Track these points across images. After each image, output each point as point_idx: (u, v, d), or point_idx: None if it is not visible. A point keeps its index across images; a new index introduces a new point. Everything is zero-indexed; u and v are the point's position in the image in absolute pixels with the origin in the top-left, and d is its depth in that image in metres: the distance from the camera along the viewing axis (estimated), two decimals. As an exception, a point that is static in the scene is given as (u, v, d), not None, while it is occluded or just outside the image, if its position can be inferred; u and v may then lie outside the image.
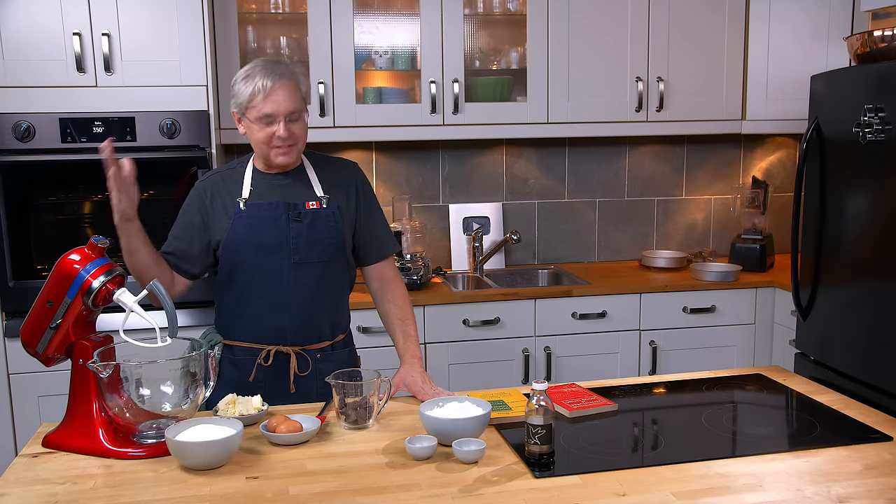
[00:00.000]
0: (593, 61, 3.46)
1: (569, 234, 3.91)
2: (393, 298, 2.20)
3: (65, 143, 2.85)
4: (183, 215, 2.11)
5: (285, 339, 2.08)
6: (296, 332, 2.09)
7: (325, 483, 1.55)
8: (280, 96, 1.95)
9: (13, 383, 2.94)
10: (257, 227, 2.04)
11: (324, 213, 2.08)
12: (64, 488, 1.55)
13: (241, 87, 1.97)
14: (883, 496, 1.48)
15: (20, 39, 2.82)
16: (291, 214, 2.05)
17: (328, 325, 2.14)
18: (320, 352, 2.12)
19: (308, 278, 2.06)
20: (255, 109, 1.96)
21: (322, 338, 2.13)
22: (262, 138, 1.99)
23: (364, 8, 3.38)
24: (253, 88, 1.95)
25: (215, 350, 2.12)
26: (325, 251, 2.08)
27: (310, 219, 2.06)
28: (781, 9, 3.51)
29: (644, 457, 1.72)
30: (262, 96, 1.94)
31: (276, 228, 2.04)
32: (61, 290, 1.72)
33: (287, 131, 1.98)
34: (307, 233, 2.05)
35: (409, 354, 2.11)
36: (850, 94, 2.68)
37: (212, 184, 2.10)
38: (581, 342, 3.31)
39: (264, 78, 1.94)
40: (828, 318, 2.83)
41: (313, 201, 2.08)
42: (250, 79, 1.96)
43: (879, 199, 2.57)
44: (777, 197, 3.94)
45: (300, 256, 2.05)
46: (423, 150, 3.70)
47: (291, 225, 2.05)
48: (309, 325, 2.10)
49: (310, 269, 2.06)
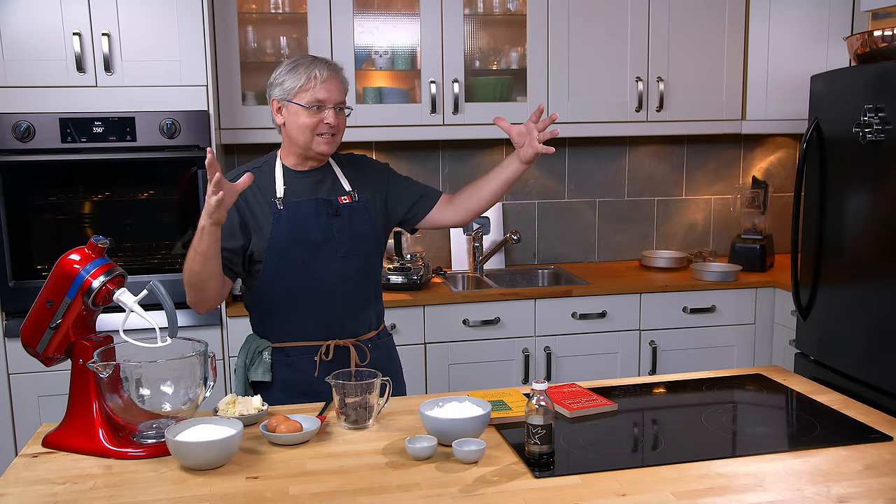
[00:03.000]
0: (593, 61, 3.46)
1: (569, 234, 3.91)
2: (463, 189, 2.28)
3: (65, 143, 2.86)
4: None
5: (342, 332, 2.12)
6: (350, 325, 2.13)
7: (325, 483, 1.55)
8: (334, 86, 2.04)
9: (13, 383, 2.94)
10: (301, 224, 2.06)
11: (357, 206, 2.13)
12: (64, 488, 1.55)
13: (291, 74, 2.03)
14: (883, 496, 1.48)
15: (20, 39, 2.82)
16: (330, 210, 2.09)
17: (375, 315, 2.21)
18: (370, 342, 2.17)
19: (355, 271, 2.11)
20: (308, 94, 2.02)
21: (371, 327, 2.19)
22: (308, 124, 2.03)
23: (364, 8, 3.38)
24: (308, 74, 2.02)
25: (264, 355, 2.10)
26: (365, 242, 2.13)
27: (348, 212, 2.11)
28: (781, 9, 3.51)
29: (644, 457, 1.72)
30: (318, 82, 2.01)
31: (319, 224, 2.07)
32: (61, 290, 1.72)
33: (335, 119, 2.04)
34: (348, 226, 2.10)
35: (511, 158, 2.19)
36: (850, 94, 2.68)
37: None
38: (581, 342, 3.31)
39: (319, 68, 2.03)
40: (828, 318, 2.83)
41: (345, 196, 2.13)
42: (301, 66, 2.03)
43: (879, 199, 2.57)
44: (777, 197, 3.94)
45: (345, 250, 2.08)
46: (423, 150, 3.70)
47: (332, 220, 2.08)
48: (360, 316, 2.15)
49: (355, 261, 2.11)
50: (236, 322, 3.04)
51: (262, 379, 2.10)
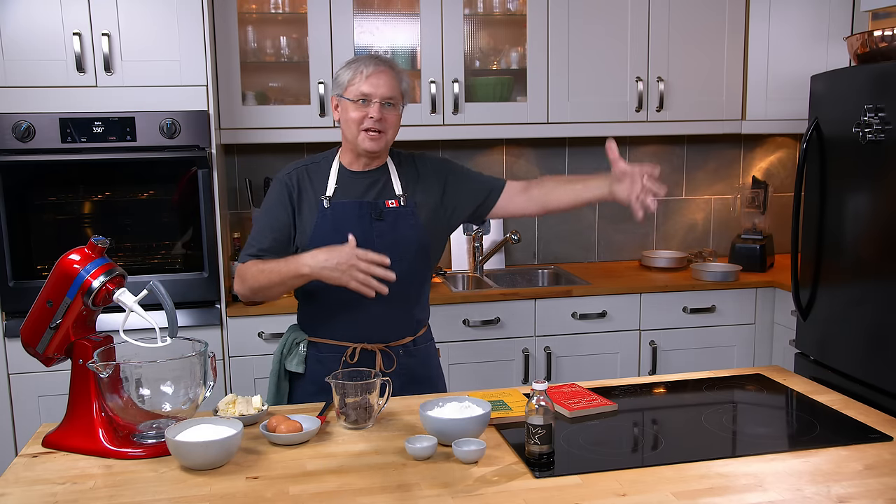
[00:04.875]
0: (593, 61, 3.46)
1: (569, 234, 3.91)
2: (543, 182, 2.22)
3: (65, 143, 2.85)
4: (274, 209, 2.12)
5: (371, 336, 2.12)
6: (382, 330, 2.12)
7: (325, 483, 1.55)
8: (380, 80, 2.05)
9: (13, 383, 2.94)
10: (342, 225, 2.06)
11: (403, 211, 2.12)
12: (64, 488, 1.55)
13: (344, 70, 2.08)
14: (883, 496, 1.48)
15: (20, 39, 2.82)
16: (374, 214, 2.09)
17: (412, 322, 2.18)
18: (403, 348, 2.15)
19: (392, 276, 2.07)
20: (354, 88, 2.05)
21: (405, 334, 2.16)
22: (355, 118, 2.05)
23: (364, 8, 3.38)
24: (356, 69, 2.06)
25: (300, 347, 2.15)
26: (408, 249, 2.11)
27: (392, 217, 2.10)
28: (781, 9, 3.51)
29: (644, 457, 1.72)
30: (363, 76, 2.04)
31: (361, 227, 2.06)
32: (61, 290, 1.72)
33: (379, 114, 2.04)
34: (390, 231, 2.09)
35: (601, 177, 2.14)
36: (850, 94, 2.68)
37: (298, 177, 2.13)
38: (581, 342, 3.31)
39: (367, 63, 2.06)
40: (828, 318, 2.83)
41: (392, 200, 2.12)
42: (355, 62, 2.08)
43: (879, 199, 2.57)
44: (777, 197, 3.94)
45: (385, 255, 2.05)
46: (422, 150, 3.69)
47: (375, 224, 2.08)
48: (394, 322, 2.14)
49: (394, 266, 2.04)
50: (236, 322, 3.04)
51: (296, 370, 2.15)
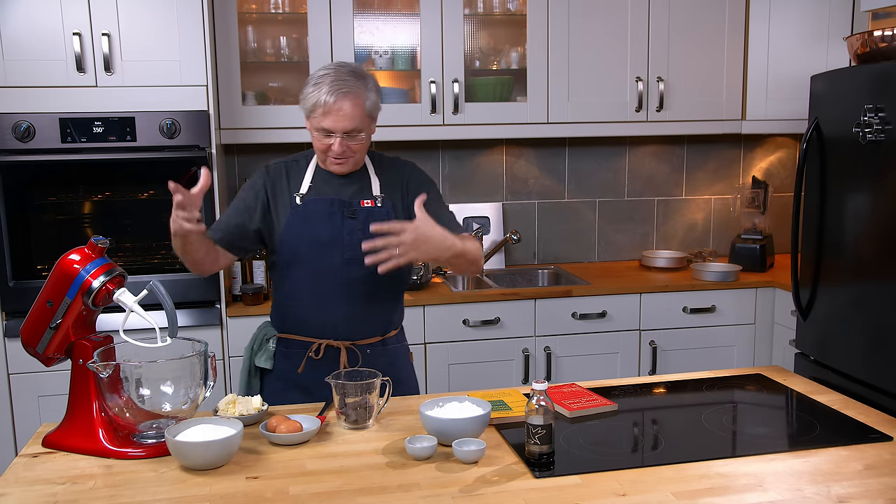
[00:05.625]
0: (593, 61, 3.46)
1: (569, 234, 3.91)
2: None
3: (65, 143, 2.85)
4: (247, 193, 2.13)
5: (336, 333, 2.11)
6: (347, 327, 2.11)
7: (325, 483, 1.55)
8: (340, 115, 1.96)
9: (13, 383, 2.94)
10: (312, 222, 2.07)
11: (378, 211, 2.10)
12: (64, 488, 1.55)
13: (309, 92, 1.98)
14: (883, 496, 1.48)
15: (20, 39, 2.82)
16: (346, 211, 2.08)
17: (379, 322, 2.17)
18: (370, 347, 2.15)
19: (360, 275, 2.08)
20: (315, 120, 1.99)
21: (373, 333, 2.15)
22: (319, 147, 2.04)
23: (364, 8, 3.38)
24: (316, 100, 1.96)
25: (270, 343, 2.16)
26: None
27: (364, 216, 2.08)
28: (781, 9, 3.51)
29: (644, 457, 1.72)
30: (323, 111, 1.96)
31: (331, 224, 2.07)
32: (61, 290, 1.72)
33: (342, 147, 2.00)
34: (361, 230, 2.07)
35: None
36: (850, 94, 2.68)
37: (276, 172, 2.13)
38: (581, 342, 3.31)
39: (329, 93, 1.95)
40: (828, 318, 2.83)
41: (368, 200, 2.11)
42: (318, 87, 1.96)
43: (879, 199, 2.57)
44: (777, 197, 3.94)
45: (353, 253, 2.06)
46: (423, 150, 3.70)
47: (346, 222, 2.08)
48: (360, 320, 2.13)
49: (362, 265, 2.05)
50: (236, 322, 3.04)
51: (264, 366, 2.16)
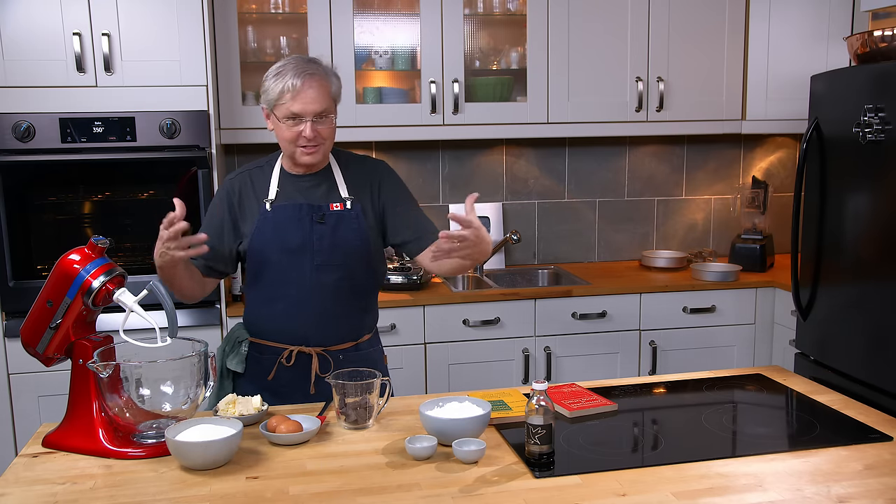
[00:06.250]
0: (593, 61, 3.46)
1: (569, 234, 3.91)
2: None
3: (65, 143, 2.85)
4: (213, 215, 2.12)
5: (308, 340, 2.09)
6: (318, 334, 2.09)
7: (325, 483, 1.55)
8: (309, 96, 1.95)
9: (13, 383, 2.94)
10: (282, 228, 2.04)
11: (347, 214, 2.07)
12: (64, 488, 1.55)
13: (272, 83, 1.97)
14: (883, 496, 1.48)
15: (20, 39, 2.82)
16: (315, 216, 2.05)
17: (352, 327, 2.13)
18: (343, 353, 2.11)
19: (331, 280, 2.06)
20: (284, 107, 1.96)
21: (345, 339, 2.12)
22: (288, 137, 1.99)
23: (364, 8, 3.38)
24: (283, 86, 1.94)
25: (242, 346, 2.15)
26: (347, 253, 2.07)
27: (333, 221, 2.06)
28: (781, 9, 3.51)
29: (644, 457, 1.72)
30: (291, 95, 1.94)
31: (300, 230, 2.04)
32: (61, 290, 1.72)
33: (313, 132, 1.97)
34: (330, 235, 2.05)
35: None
36: (850, 94, 2.68)
37: (241, 182, 2.11)
38: (581, 342, 3.31)
39: (294, 76, 1.94)
40: (828, 318, 2.83)
41: (337, 203, 2.07)
42: (281, 76, 1.95)
43: (879, 199, 2.57)
44: (777, 197, 3.94)
45: (323, 258, 2.04)
46: (423, 150, 3.70)
47: (315, 227, 2.05)
48: (332, 327, 2.10)
49: (333, 270, 2.05)
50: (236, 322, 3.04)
51: (235, 369, 2.14)
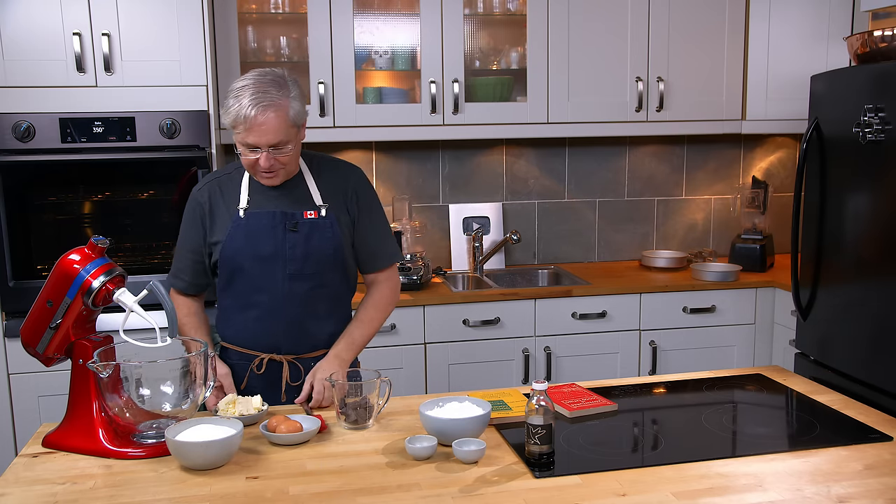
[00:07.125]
0: (593, 61, 3.46)
1: (569, 234, 3.91)
2: (367, 300, 2.16)
3: (65, 143, 2.85)
4: (188, 230, 2.09)
5: (279, 348, 2.07)
6: (290, 342, 2.07)
7: (325, 483, 1.55)
8: (263, 129, 1.85)
9: (13, 383, 2.94)
10: (254, 236, 2.01)
11: (321, 222, 2.03)
12: (64, 488, 1.55)
13: (230, 103, 1.86)
14: (883, 496, 1.48)
15: (20, 39, 2.82)
16: (288, 224, 2.01)
17: (325, 335, 2.11)
18: (314, 360, 2.08)
19: (304, 288, 2.04)
20: (239, 136, 1.88)
21: (318, 346, 2.10)
22: (245, 162, 1.93)
23: (364, 8, 3.38)
24: (236, 115, 1.84)
25: (214, 350, 2.13)
26: (321, 262, 2.04)
27: (307, 229, 2.02)
28: (781, 9, 3.51)
29: (644, 457, 1.72)
30: (244, 127, 1.85)
31: (273, 238, 2.01)
32: (61, 290, 1.72)
33: (269, 161, 1.90)
34: (303, 243, 2.02)
35: (332, 351, 2.06)
36: (850, 94, 2.68)
37: (209, 192, 2.07)
38: (581, 342, 3.31)
39: (250, 106, 1.83)
40: (828, 318, 2.83)
41: (311, 210, 2.03)
42: (237, 100, 1.84)
43: (879, 199, 2.57)
44: (777, 197, 3.94)
45: (295, 267, 2.02)
46: (423, 150, 3.70)
47: (288, 235, 2.01)
48: (304, 335, 2.08)
49: (306, 279, 2.03)
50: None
51: None
